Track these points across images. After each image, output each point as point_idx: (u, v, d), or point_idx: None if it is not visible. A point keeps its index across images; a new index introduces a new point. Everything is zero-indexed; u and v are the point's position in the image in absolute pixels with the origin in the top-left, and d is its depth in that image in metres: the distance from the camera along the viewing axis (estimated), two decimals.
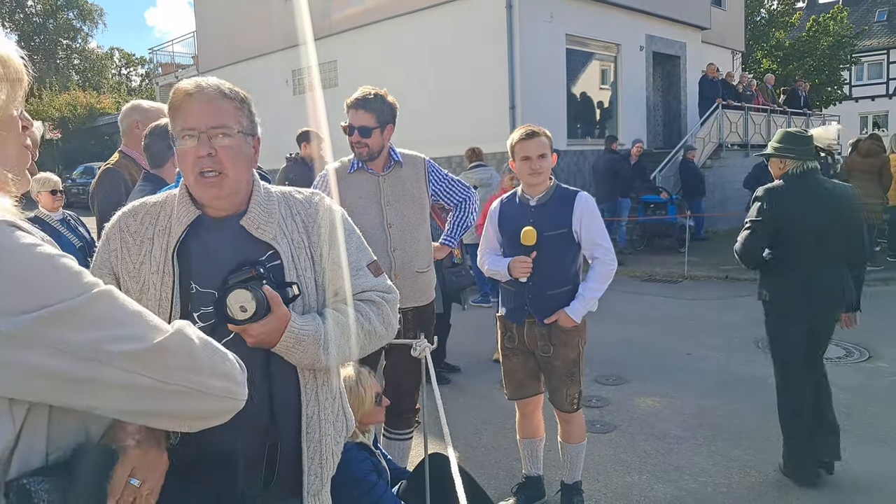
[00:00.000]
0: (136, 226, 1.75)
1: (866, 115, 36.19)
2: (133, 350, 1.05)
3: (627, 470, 4.21)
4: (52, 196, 5.14)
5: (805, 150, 3.95)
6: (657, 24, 16.51)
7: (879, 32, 36.95)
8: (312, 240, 1.81)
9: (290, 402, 1.74)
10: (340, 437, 1.89)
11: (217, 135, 1.65)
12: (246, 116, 1.73)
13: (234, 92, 1.72)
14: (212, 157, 1.65)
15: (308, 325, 1.69)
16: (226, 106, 1.68)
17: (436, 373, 2.87)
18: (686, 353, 6.62)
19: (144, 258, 1.71)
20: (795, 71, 24.62)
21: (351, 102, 3.35)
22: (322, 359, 1.72)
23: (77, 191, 21.08)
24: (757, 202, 3.96)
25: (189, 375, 1.11)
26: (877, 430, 4.64)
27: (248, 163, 1.74)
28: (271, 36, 17.90)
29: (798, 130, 4.16)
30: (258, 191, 1.78)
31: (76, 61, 49.04)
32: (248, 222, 1.73)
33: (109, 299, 1.07)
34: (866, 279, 4.18)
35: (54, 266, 1.03)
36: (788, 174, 3.94)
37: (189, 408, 1.13)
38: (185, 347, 1.12)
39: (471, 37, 13.83)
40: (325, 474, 1.80)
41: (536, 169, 3.41)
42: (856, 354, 6.41)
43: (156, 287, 1.68)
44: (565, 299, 3.45)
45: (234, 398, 1.20)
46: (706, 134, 15.36)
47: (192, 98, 1.66)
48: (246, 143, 1.72)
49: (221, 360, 1.18)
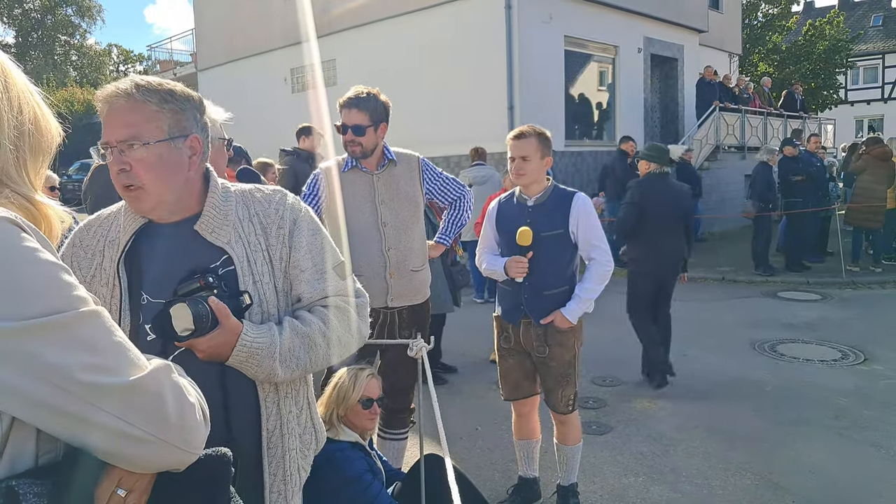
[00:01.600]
0: (89, 239, 1.70)
1: (862, 118, 36.28)
2: (103, 383, 0.99)
3: (623, 472, 4.20)
4: (51, 193, 5.13)
5: (663, 159, 5.69)
6: (655, 27, 16.52)
7: (875, 37, 37.09)
8: (271, 242, 1.70)
9: (249, 416, 1.65)
10: (309, 450, 1.82)
11: (128, 148, 1.52)
12: (171, 117, 1.57)
13: (151, 91, 1.55)
14: (126, 173, 1.54)
15: (262, 336, 1.58)
16: (140, 112, 1.53)
17: (432, 373, 2.85)
18: (682, 354, 6.62)
19: (95, 271, 1.65)
20: (792, 75, 24.68)
21: (344, 102, 3.35)
22: (279, 372, 1.62)
23: (73, 187, 21.02)
24: (630, 190, 5.72)
25: (154, 422, 1.04)
26: (872, 434, 4.64)
27: (176, 169, 1.59)
28: (270, 34, 17.86)
29: (660, 145, 6.10)
30: (214, 192, 1.67)
31: (74, 58, 48.92)
32: (201, 226, 1.63)
33: (95, 322, 1.02)
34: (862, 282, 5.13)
35: (52, 275, 0.99)
36: (650, 173, 5.64)
37: (144, 454, 1.06)
38: (156, 392, 1.05)
39: (470, 37, 13.82)
40: (289, 490, 1.72)
41: (517, 170, 3.43)
42: (851, 357, 6.41)
43: (105, 300, 1.61)
44: (562, 300, 3.44)
45: (191, 453, 1.12)
46: (703, 136, 15.41)
47: (107, 107, 1.54)
48: (171, 148, 1.57)
49: (191, 411, 1.11)
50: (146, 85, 1.56)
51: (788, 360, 6.42)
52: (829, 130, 20.82)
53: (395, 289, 3.39)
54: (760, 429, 4.77)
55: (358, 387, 2.96)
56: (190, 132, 1.61)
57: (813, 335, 7.25)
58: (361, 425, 3.01)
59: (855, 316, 8.13)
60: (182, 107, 1.60)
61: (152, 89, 1.56)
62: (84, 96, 34.17)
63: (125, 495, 1.12)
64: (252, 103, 16.50)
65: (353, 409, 2.95)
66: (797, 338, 7.17)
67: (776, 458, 4.31)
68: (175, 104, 1.58)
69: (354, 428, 2.98)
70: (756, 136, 16.27)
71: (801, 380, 5.83)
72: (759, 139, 16.12)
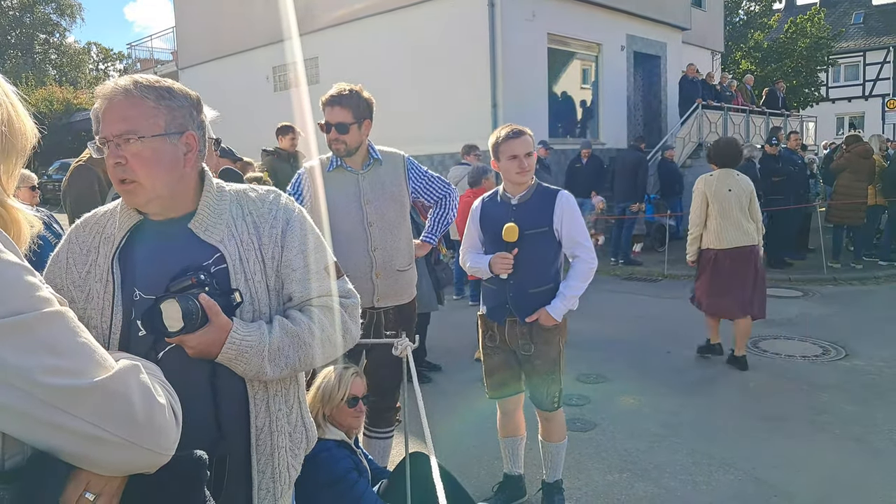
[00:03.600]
0: (84, 236, 1.71)
1: (843, 116, 36.62)
2: (66, 385, 0.97)
3: (608, 468, 4.22)
4: (32, 192, 5.07)
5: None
6: (638, 25, 16.61)
7: (856, 35, 37.43)
8: (263, 241, 1.72)
9: (239, 413, 1.67)
10: (299, 449, 1.82)
11: (125, 142, 1.56)
12: (167, 113, 1.60)
13: (149, 88, 1.59)
14: (122, 166, 1.57)
15: (251, 335, 1.60)
16: (137, 108, 1.57)
17: (417, 371, 2.85)
18: (666, 351, 6.66)
19: (90, 267, 1.67)
20: (774, 72, 24.89)
21: (326, 100, 3.32)
22: (267, 370, 1.64)
23: (52, 187, 20.78)
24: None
25: (120, 423, 1.02)
26: (853, 429, 4.69)
27: (171, 165, 1.61)
28: (252, 32, 17.78)
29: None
30: (209, 190, 1.70)
31: (53, 56, 48.38)
32: (195, 225, 1.66)
33: (59, 323, 1.00)
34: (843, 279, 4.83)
35: (14, 276, 0.97)
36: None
37: (112, 457, 1.05)
38: (122, 393, 1.03)
39: (453, 35, 13.82)
40: (277, 489, 1.73)
41: (525, 167, 3.41)
42: (832, 353, 6.48)
43: (99, 296, 1.63)
44: (546, 298, 3.44)
45: (161, 454, 1.11)
46: (686, 133, 15.49)
47: (106, 103, 1.58)
48: (166, 144, 1.60)
49: (160, 412, 1.10)
50: (144, 82, 1.60)
51: (771, 356, 6.48)
52: (811, 128, 21.01)
53: (381, 289, 3.37)
54: (743, 424, 4.80)
55: (343, 385, 2.96)
56: (186, 129, 1.64)
57: (795, 331, 7.32)
58: (347, 424, 3.01)
59: (836, 312, 8.22)
60: (179, 104, 1.63)
61: (150, 86, 1.59)
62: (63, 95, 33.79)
63: (94, 499, 1.10)
64: (234, 102, 16.34)
65: (338, 407, 2.96)
66: (779, 334, 7.23)
67: (759, 453, 4.35)
68: (172, 101, 1.61)
69: (340, 426, 2.99)
70: (738, 134, 16.37)
71: (783, 375, 5.89)
72: (742, 137, 16.23)
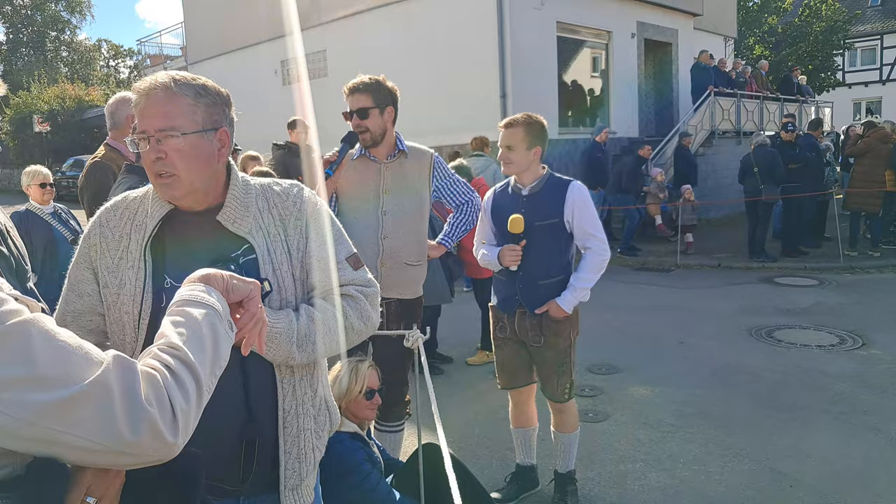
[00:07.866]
0: (116, 221, 1.76)
1: (860, 101, 36.06)
2: (41, 400, 0.94)
3: (621, 458, 4.20)
4: (42, 189, 5.10)
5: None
6: (649, 11, 16.42)
7: (873, 17, 36.71)
8: (289, 233, 1.79)
9: (267, 396, 1.74)
10: (323, 431, 1.89)
11: (166, 137, 1.61)
12: (204, 110, 1.66)
13: (187, 86, 1.64)
14: (162, 161, 1.62)
15: (280, 321, 1.68)
16: (177, 104, 1.62)
17: (428, 363, 2.84)
18: (679, 341, 6.62)
19: (122, 254, 1.72)
20: (788, 57, 24.55)
21: (348, 89, 3.35)
22: (295, 355, 1.71)
23: (67, 184, 20.89)
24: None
25: (100, 432, 0.99)
26: (870, 419, 4.64)
27: (207, 160, 1.68)
28: (260, 26, 17.75)
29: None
30: (235, 184, 1.76)
31: (64, 53, 48.60)
32: (224, 217, 1.72)
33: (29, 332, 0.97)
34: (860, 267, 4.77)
35: None
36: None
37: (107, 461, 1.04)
38: (102, 399, 1.00)
39: (461, 25, 13.74)
40: (303, 469, 1.80)
41: (502, 159, 3.44)
42: (849, 342, 6.41)
43: (131, 282, 1.68)
44: (557, 289, 3.42)
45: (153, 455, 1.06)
46: (698, 121, 15.28)
47: (145, 99, 1.62)
48: (203, 140, 1.66)
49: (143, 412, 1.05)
50: (182, 79, 1.65)
51: (786, 345, 6.42)
52: (827, 113, 20.74)
53: (384, 278, 3.35)
54: (758, 414, 4.77)
55: (360, 379, 3.00)
56: (220, 125, 1.70)
57: (810, 320, 7.25)
58: (362, 416, 3.04)
59: (853, 301, 8.14)
60: (214, 101, 1.69)
61: (188, 83, 1.65)
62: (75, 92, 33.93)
63: (94, 503, 1.11)
64: (243, 96, 16.12)
65: (356, 400, 2.99)
66: (794, 323, 7.17)
67: (774, 443, 4.31)
68: (208, 98, 1.67)
69: (354, 419, 3.02)
70: (752, 121, 16.19)
71: (799, 365, 5.83)
72: (755, 124, 16.05)
